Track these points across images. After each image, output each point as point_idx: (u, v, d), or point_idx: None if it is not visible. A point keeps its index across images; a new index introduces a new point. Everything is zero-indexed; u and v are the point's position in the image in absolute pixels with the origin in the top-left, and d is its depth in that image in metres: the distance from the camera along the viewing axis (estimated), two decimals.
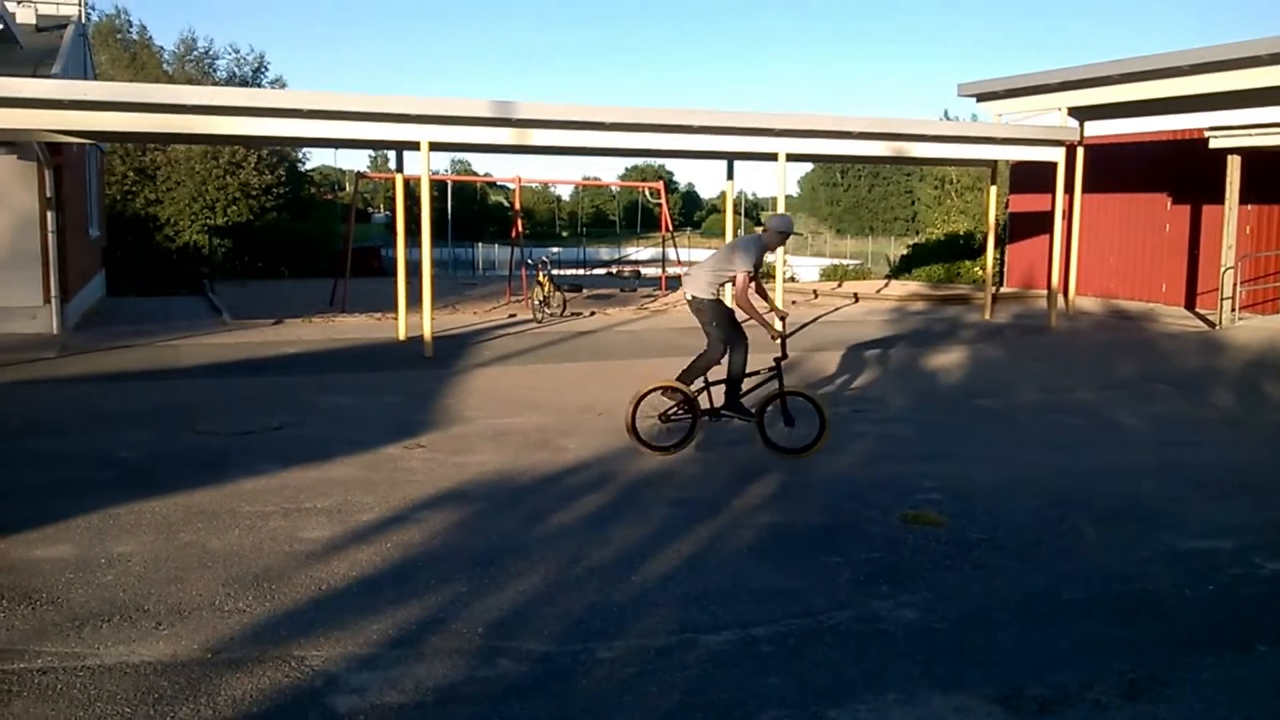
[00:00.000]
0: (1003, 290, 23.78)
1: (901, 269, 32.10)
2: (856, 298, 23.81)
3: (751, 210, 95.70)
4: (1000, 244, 24.47)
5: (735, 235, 20.28)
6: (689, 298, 8.80)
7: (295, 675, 4.55)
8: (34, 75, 14.61)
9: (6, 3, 16.00)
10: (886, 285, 27.55)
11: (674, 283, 26.13)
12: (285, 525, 6.66)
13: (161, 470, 7.98)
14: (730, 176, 19.79)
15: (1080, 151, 19.30)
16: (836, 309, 21.42)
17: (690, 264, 30.00)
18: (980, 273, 26.53)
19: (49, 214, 15.69)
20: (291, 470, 8.02)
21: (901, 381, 12.79)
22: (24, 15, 17.98)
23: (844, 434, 9.70)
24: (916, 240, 39.63)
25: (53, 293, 15.74)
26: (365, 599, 5.44)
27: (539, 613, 5.28)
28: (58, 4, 19.82)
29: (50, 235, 15.65)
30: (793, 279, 33.50)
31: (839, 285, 28.32)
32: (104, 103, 13.40)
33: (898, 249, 50.11)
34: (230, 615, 5.20)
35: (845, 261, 46.50)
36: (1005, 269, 25.02)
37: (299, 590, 5.56)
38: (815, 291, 25.72)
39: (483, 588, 5.62)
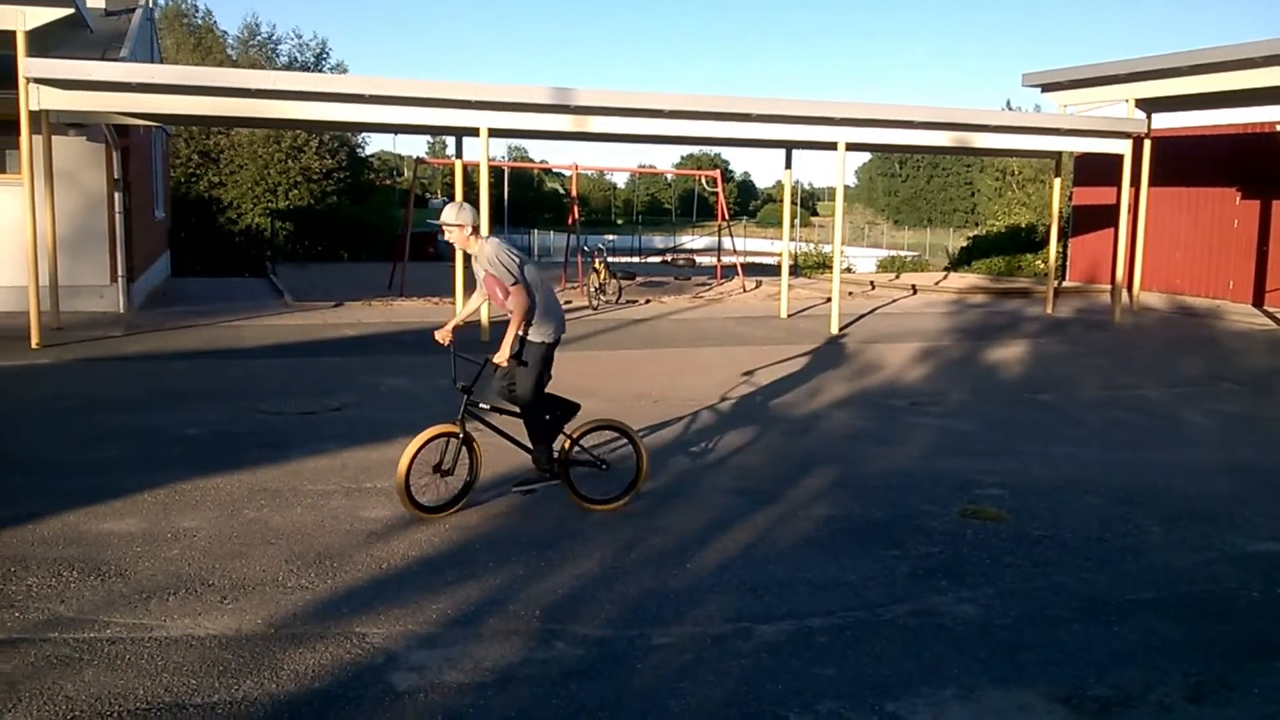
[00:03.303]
0: (1065, 284, 23.38)
1: (961, 261, 31.68)
2: (914, 290, 23.55)
3: (807, 200, 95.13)
4: (1063, 237, 24.04)
5: (791, 225, 20.17)
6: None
7: (356, 652, 4.61)
8: (102, 58, 14.89)
9: None
10: (945, 277, 27.21)
11: (729, 272, 26.06)
12: (346, 504, 6.75)
13: (226, 448, 8.13)
14: (788, 165, 19.63)
15: (1147, 144, 18.88)
16: (894, 301, 21.21)
17: (739, 253, 29.69)
18: (1042, 266, 26.11)
19: (116, 195, 16.03)
20: (352, 450, 8.13)
21: (960, 375, 12.63)
22: (93, 0, 18.31)
23: (901, 428, 9.62)
24: (976, 232, 39.03)
25: (119, 272, 16.10)
26: (425, 579, 5.50)
27: (595, 597, 5.31)
28: None
29: (117, 215, 15.99)
30: (849, 270, 33.23)
31: (896, 277, 28.03)
32: (170, 86, 13.64)
33: (957, 240, 49.46)
34: (293, 591, 5.29)
35: (902, 253, 46.08)
36: (1068, 263, 24.59)
37: (360, 568, 5.64)
38: (872, 283, 25.49)
39: (540, 571, 5.65)
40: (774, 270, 29.82)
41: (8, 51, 12.68)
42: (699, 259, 33.55)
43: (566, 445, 6.72)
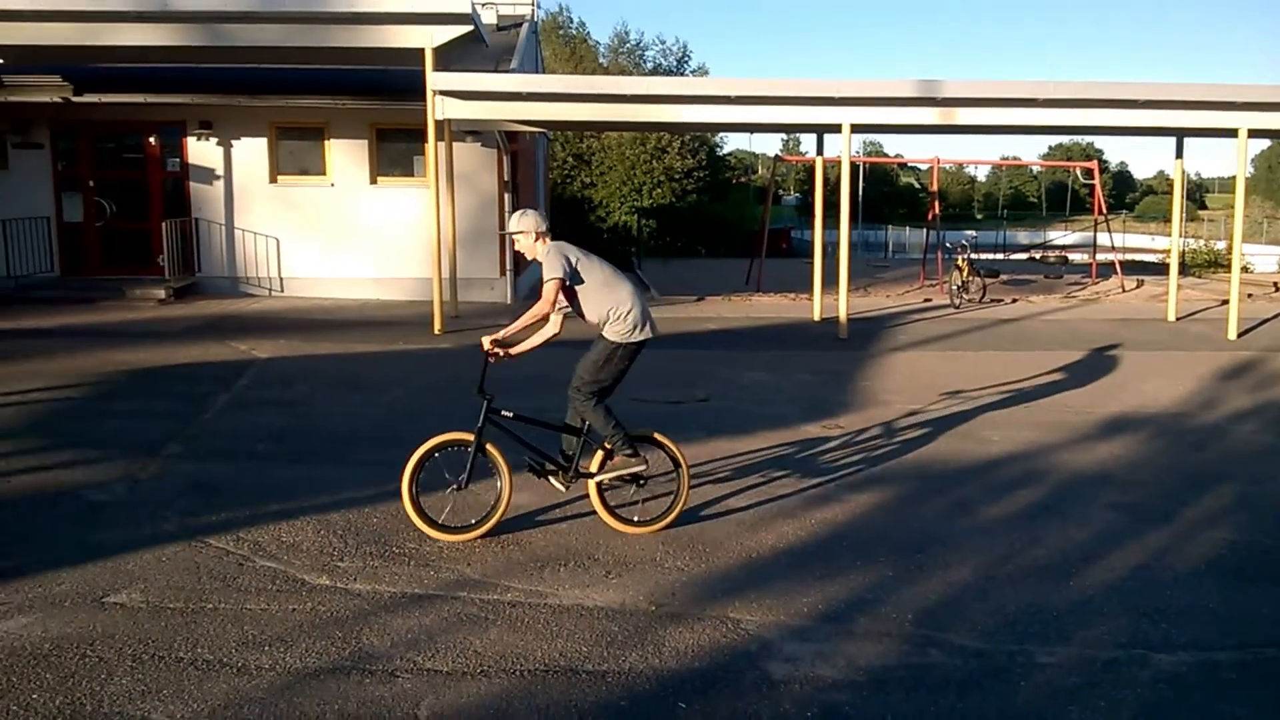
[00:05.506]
0: None
1: None
2: None
3: (1193, 191, 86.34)
4: None
5: (1181, 220, 18.49)
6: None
7: (731, 636, 4.75)
8: (495, 71, 16.27)
9: (478, 7, 17.91)
10: None
11: (1105, 270, 24.25)
12: (712, 491, 6.97)
13: None
14: (1179, 155, 17.89)
15: None
16: None
17: (1118, 249, 27.52)
18: None
19: (506, 196, 17.50)
20: (717, 440, 8.37)
21: None
22: (487, 16, 20.03)
23: None
24: None
25: (507, 266, 17.57)
26: (792, 571, 5.57)
27: (970, 607, 5.13)
28: (514, 4, 21.88)
29: (507, 214, 17.43)
30: (1246, 269, 29.83)
31: None
32: (554, 94, 14.67)
33: None
34: (670, 571, 5.54)
35: None
36: None
37: (730, 555, 5.80)
38: (1275, 284, 22.73)
39: (909, 575, 5.55)
40: (1155, 269, 27.39)
41: (415, 67, 14.14)
42: (1070, 256, 31.53)
43: (601, 460, 6.24)
